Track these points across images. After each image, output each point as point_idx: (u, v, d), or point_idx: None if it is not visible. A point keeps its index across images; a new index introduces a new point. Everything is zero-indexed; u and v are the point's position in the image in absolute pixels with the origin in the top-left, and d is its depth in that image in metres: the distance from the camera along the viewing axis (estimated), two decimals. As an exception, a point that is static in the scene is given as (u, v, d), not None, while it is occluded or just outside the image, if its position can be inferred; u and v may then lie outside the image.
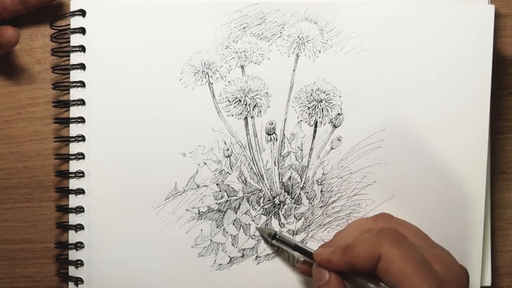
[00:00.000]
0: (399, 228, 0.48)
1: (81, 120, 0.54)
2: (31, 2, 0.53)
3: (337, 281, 0.48)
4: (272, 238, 0.53)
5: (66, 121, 0.54)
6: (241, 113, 0.54)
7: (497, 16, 0.56)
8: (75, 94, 0.54)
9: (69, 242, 0.54)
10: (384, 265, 0.45)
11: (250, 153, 0.54)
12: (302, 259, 0.52)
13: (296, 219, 0.55)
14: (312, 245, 0.54)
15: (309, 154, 0.54)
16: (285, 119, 0.54)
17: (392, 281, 0.45)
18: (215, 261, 0.55)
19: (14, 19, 0.53)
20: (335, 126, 0.54)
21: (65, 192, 0.54)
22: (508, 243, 0.57)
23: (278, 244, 0.53)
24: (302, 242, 0.54)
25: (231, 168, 0.54)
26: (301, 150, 0.54)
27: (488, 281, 0.56)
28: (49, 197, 0.55)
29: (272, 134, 0.54)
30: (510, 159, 0.57)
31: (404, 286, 0.44)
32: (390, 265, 0.45)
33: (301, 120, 0.54)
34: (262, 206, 0.55)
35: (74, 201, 0.54)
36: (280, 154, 0.54)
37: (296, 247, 0.52)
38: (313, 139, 0.54)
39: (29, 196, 0.55)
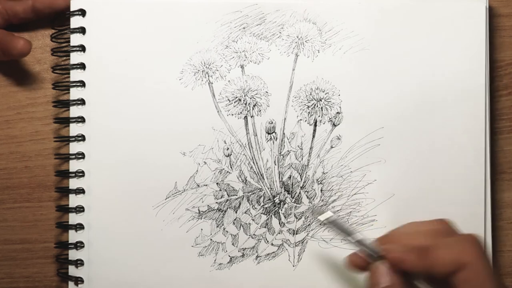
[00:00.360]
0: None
1: (81, 119, 0.54)
2: (44, 11, 0.53)
3: (401, 284, 0.44)
4: (327, 224, 0.48)
5: (66, 121, 0.54)
6: (241, 112, 0.54)
7: (497, 16, 0.56)
8: (75, 93, 0.54)
9: (69, 241, 0.54)
10: (468, 275, 0.43)
11: (250, 152, 0.55)
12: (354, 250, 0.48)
13: (297, 218, 0.55)
14: (312, 245, 0.54)
15: (309, 153, 0.55)
16: (285, 118, 0.54)
17: None
18: (215, 260, 0.54)
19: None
20: (334, 125, 0.54)
21: (65, 191, 0.54)
22: (508, 243, 0.57)
23: (332, 229, 0.49)
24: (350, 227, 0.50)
25: (231, 167, 0.54)
26: (301, 149, 0.55)
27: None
28: (49, 197, 0.55)
29: (272, 133, 0.54)
30: (510, 159, 0.57)
31: None
32: (474, 277, 0.43)
33: (300, 119, 0.54)
34: (262, 206, 0.55)
35: (74, 200, 0.54)
36: (280, 153, 0.55)
37: (358, 242, 0.47)
38: (313, 138, 0.54)
39: (29, 196, 0.55)
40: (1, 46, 0.52)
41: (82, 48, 0.54)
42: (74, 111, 0.54)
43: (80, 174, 0.54)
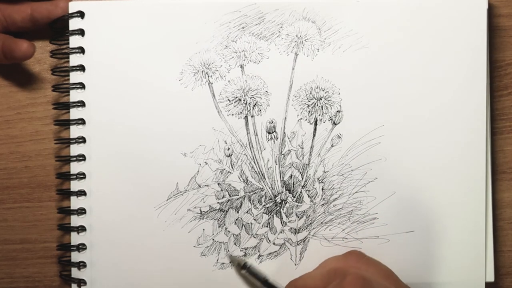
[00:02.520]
0: (369, 268, 0.49)
1: (82, 121, 0.54)
2: (42, 21, 0.53)
3: None
4: (241, 268, 0.54)
5: (66, 123, 0.54)
6: (241, 112, 0.54)
7: (497, 16, 0.56)
8: (75, 95, 0.54)
9: (72, 243, 0.54)
10: None
11: (251, 152, 0.55)
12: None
13: (298, 217, 0.55)
14: (314, 243, 0.55)
15: (310, 152, 0.55)
16: (285, 118, 0.54)
17: None
18: (217, 260, 0.55)
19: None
20: (335, 124, 0.55)
21: (67, 194, 0.54)
22: (508, 243, 0.57)
23: (247, 275, 0.54)
24: (268, 280, 0.54)
25: (232, 168, 0.55)
26: (302, 148, 0.55)
27: (491, 277, 0.56)
28: (49, 197, 0.55)
29: (273, 132, 0.55)
30: (510, 159, 0.57)
31: None
32: None
33: (301, 118, 0.54)
34: (264, 205, 0.55)
35: (75, 202, 0.54)
36: (281, 152, 0.55)
37: (265, 283, 0.52)
38: (313, 137, 0.55)
39: (29, 196, 0.56)
40: (4, 50, 0.52)
41: (81, 50, 0.54)
42: (74, 113, 0.54)
43: (81, 176, 0.54)
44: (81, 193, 0.54)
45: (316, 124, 0.55)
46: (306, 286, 0.50)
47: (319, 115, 0.55)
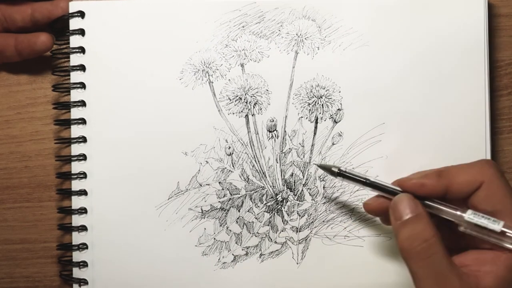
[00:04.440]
0: None
1: (82, 121, 0.54)
2: (42, 21, 0.53)
3: (427, 213, 0.45)
4: (336, 175, 0.50)
5: (66, 123, 0.54)
6: (242, 111, 0.54)
7: (497, 16, 0.56)
8: (75, 95, 0.54)
9: (73, 243, 0.54)
10: (486, 193, 0.44)
11: (252, 150, 0.55)
12: (371, 195, 0.49)
13: (300, 216, 0.55)
14: (316, 242, 0.54)
15: (311, 150, 0.55)
16: (286, 116, 0.54)
17: (490, 209, 0.44)
18: (219, 259, 0.54)
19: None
20: (335, 122, 0.54)
21: (67, 193, 0.54)
22: (508, 242, 0.57)
23: (345, 180, 0.50)
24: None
25: (233, 166, 0.54)
26: (303, 146, 0.55)
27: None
28: (49, 197, 0.55)
29: (273, 131, 0.54)
30: (510, 159, 0.57)
31: (502, 216, 0.43)
32: (492, 194, 0.44)
33: (301, 117, 0.54)
34: (265, 204, 0.55)
35: (76, 202, 0.54)
36: (282, 151, 0.55)
37: (368, 184, 0.48)
38: (314, 135, 0.55)
39: (29, 196, 0.55)
40: (18, 47, 0.52)
41: (81, 50, 0.54)
42: (75, 113, 0.54)
43: (82, 176, 0.54)
44: (82, 192, 0.54)
45: (316, 122, 0.55)
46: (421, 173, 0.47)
47: (320, 113, 0.55)
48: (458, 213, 0.45)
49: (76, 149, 0.54)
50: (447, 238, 0.45)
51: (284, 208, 0.55)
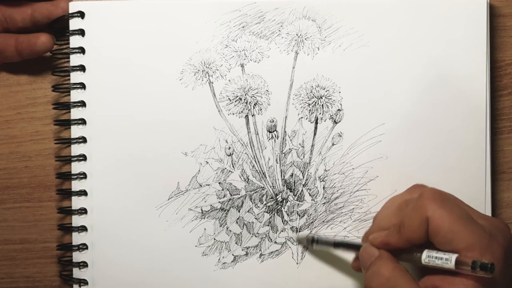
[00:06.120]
0: None
1: (82, 121, 0.54)
2: (42, 21, 0.53)
3: (387, 253, 0.46)
4: (311, 242, 0.53)
5: (67, 123, 0.54)
6: (242, 111, 0.54)
7: (497, 16, 0.56)
8: (75, 96, 0.54)
9: (73, 243, 0.54)
10: (434, 227, 0.44)
11: (252, 151, 0.55)
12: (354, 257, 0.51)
13: (299, 216, 0.55)
14: (316, 242, 0.55)
15: (311, 151, 0.55)
16: (286, 116, 0.54)
17: (444, 242, 0.43)
18: (219, 260, 0.54)
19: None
20: (335, 122, 0.55)
21: (67, 194, 0.54)
22: (508, 243, 0.57)
23: (319, 247, 0.53)
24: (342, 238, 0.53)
25: (233, 167, 0.55)
26: (303, 147, 0.55)
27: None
28: (49, 197, 0.55)
29: (273, 131, 0.55)
30: (510, 159, 0.57)
31: (456, 244, 0.43)
32: (439, 226, 0.43)
33: (301, 117, 0.54)
34: (265, 204, 0.55)
35: (76, 202, 0.54)
36: (282, 151, 0.55)
37: (338, 244, 0.51)
38: (314, 136, 0.55)
39: (29, 196, 0.55)
40: (18, 47, 0.52)
41: (81, 50, 0.54)
42: (75, 113, 0.54)
43: (82, 176, 0.54)
44: (82, 193, 0.54)
45: (316, 123, 0.55)
46: (382, 228, 0.48)
47: (320, 113, 0.55)
48: (418, 255, 0.45)
49: (76, 149, 0.54)
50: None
51: (284, 208, 0.55)
